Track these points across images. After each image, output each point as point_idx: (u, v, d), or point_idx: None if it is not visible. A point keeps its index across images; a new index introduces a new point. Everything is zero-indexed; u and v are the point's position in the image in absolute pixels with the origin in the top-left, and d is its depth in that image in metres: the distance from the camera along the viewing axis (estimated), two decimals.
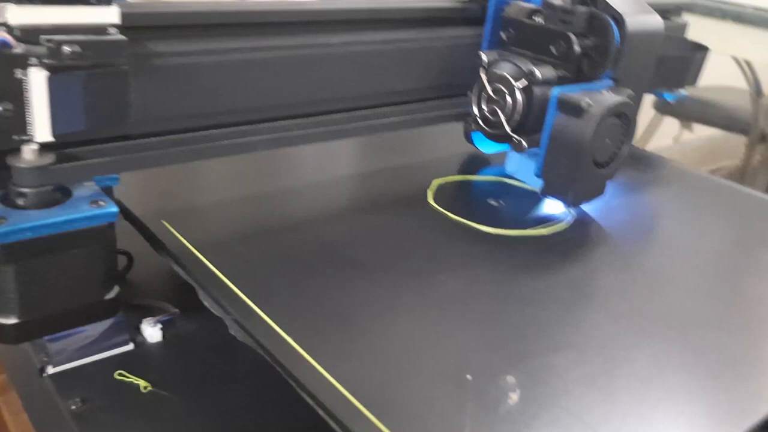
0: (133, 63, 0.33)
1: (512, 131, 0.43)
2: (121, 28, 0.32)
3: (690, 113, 1.19)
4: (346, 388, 0.28)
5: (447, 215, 0.44)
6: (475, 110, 0.45)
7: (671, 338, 0.35)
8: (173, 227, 0.39)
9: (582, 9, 0.42)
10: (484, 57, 0.44)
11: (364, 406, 0.28)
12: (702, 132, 1.38)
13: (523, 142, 0.43)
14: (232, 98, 0.38)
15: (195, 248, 0.37)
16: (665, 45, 0.51)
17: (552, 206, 0.47)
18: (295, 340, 0.31)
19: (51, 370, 0.36)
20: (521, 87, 0.42)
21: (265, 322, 0.32)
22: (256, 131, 0.38)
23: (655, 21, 0.45)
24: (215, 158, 0.37)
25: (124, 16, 0.32)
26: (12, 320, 0.31)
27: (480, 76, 0.44)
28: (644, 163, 0.60)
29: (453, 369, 0.30)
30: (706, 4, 0.78)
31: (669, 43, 0.53)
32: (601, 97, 0.41)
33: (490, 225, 0.43)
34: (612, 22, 0.42)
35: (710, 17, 0.78)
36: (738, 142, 1.25)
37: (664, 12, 0.60)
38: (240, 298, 0.34)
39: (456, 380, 0.30)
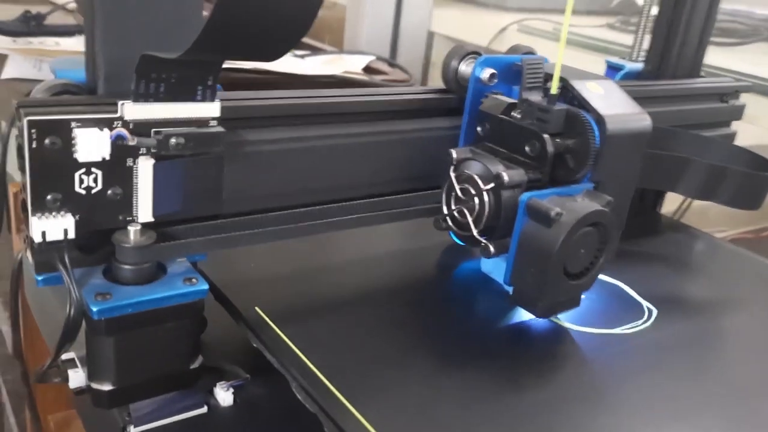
0: (227, 150, 0.35)
1: (480, 234, 0.40)
2: (219, 119, 0.35)
3: None
4: None
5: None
6: (445, 209, 0.42)
7: None
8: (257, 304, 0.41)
9: (559, 108, 0.39)
10: (453, 154, 0.41)
11: None
12: None
13: (491, 248, 0.39)
14: (313, 180, 0.41)
15: (272, 321, 0.39)
16: (729, 155, 0.50)
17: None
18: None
19: (133, 430, 0.38)
20: (489, 189, 0.39)
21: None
22: (335, 212, 0.41)
23: (641, 120, 0.42)
24: (299, 237, 0.40)
25: (222, 109, 0.35)
26: (107, 387, 0.34)
27: (449, 175, 0.41)
28: (715, 252, 0.59)
29: None
30: (765, 84, 0.79)
31: (731, 154, 0.51)
32: (574, 205, 0.38)
33: None
34: (592, 122, 0.39)
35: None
36: None
37: (722, 95, 0.61)
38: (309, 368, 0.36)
39: None
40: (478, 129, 0.44)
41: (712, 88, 0.61)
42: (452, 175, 0.41)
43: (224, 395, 0.41)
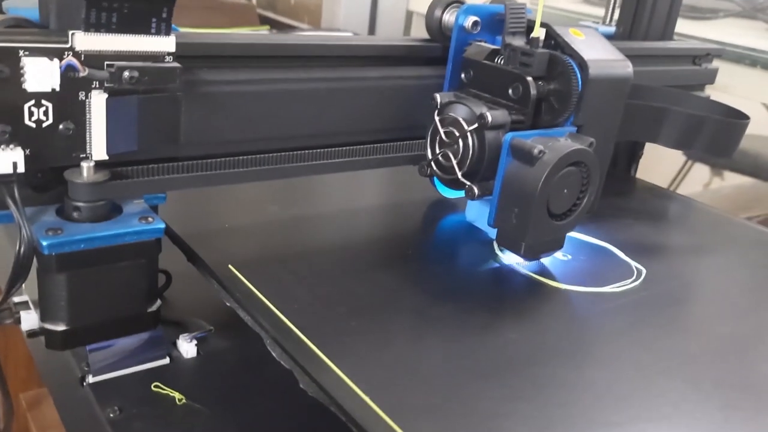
0: (184, 89, 0.35)
1: (464, 177, 0.40)
2: (175, 56, 0.34)
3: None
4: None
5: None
6: (429, 154, 0.42)
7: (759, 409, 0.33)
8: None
9: (542, 52, 0.40)
10: (438, 98, 0.41)
11: None
12: (733, 180, 1.37)
13: (475, 189, 0.40)
14: (272, 126, 0.40)
15: (246, 279, 0.38)
16: (704, 108, 0.50)
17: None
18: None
19: (91, 379, 0.37)
20: (472, 130, 0.39)
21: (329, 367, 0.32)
22: (294, 158, 0.40)
23: (623, 66, 0.42)
24: (256, 181, 0.39)
25: (178, 45, 0.34)
26: (60, 327, 0.33)
27: (434, 119, 0.42)
28: (696, 213, 0.59)
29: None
30: (736, 51, 0.79)
31: (706, 105, 0.51)
32: (556, 144, 0.38)
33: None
34: (574, 67, 0.40)
35: (739, 64, 0.79)
36: None
37: (695, 58, 0.61)
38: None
39: None
40: (462, 76, 0.44)
41: (683, 50, 0.61)
42: (437, 119, 0.41)
43: (187, 347, 0.41)
